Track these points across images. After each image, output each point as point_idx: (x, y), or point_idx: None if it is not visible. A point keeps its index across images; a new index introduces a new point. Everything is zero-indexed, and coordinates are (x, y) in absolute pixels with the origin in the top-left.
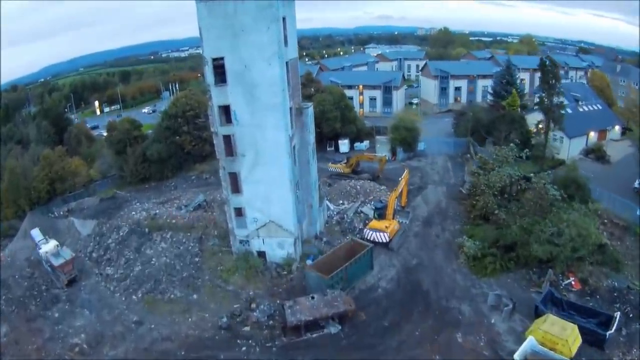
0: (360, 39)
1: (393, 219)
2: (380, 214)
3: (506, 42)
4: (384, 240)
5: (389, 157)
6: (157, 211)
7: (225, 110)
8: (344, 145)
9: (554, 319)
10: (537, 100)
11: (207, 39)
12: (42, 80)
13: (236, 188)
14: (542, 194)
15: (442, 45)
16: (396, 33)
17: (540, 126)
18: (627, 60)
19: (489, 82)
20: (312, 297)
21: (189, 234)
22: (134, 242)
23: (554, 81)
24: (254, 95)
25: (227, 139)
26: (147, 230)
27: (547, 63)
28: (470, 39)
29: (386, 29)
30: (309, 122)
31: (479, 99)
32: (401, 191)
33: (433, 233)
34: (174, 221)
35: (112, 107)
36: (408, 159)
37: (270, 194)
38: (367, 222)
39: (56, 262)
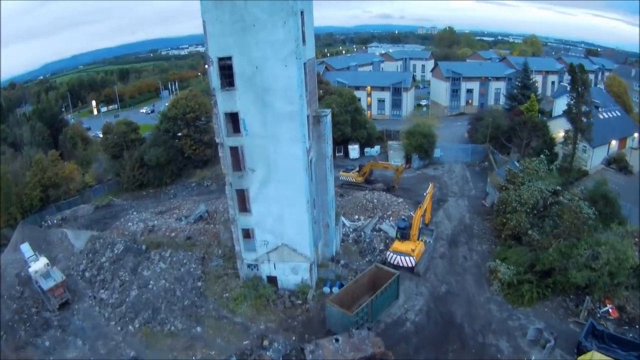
0: (361, 38)
1: (418, 239)
2: (404, 234)
3: (508, 42)
4: (410, 265)
5: (402, 164)
6: (155, 222)
7: (233, 118)
8: (354, 150)
9: (599, 356)
10: (554, 104)
11: (212, 35)
12: (41, 77)
13: (244, 207)
14: (577, 212)
15: (447, 44)
16: (396, 32)
17: (568, 135)
18: (629, 61)
19: (501, 85)
20: (337, 340)
21: (190, 253)
22: (130, 261)
23: (583, 88)
24: (266, 102)
25: (235, 151)
26: (144, 247)
27: (577, 69)
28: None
29: (386, 27)
30: (326, 132)
31: (491, 101)
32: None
33: (460, 254)
34: (173, 234)
35: (110, 107)
36: (424, 167)
37: (283, 214)
38: (387, 241)
39: (46, 285)
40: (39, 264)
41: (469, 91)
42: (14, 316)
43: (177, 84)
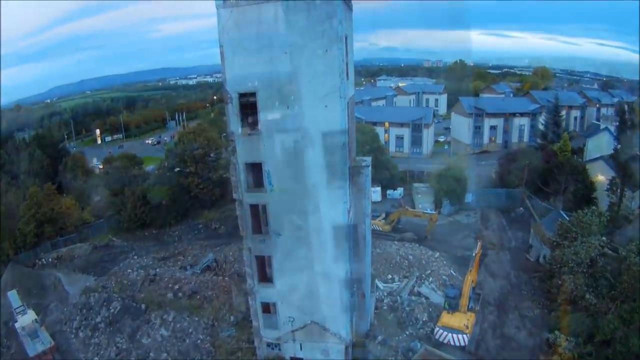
0: (369, 71)
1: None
2: (453, 304)
3: (517, 74)
4: (463, 344)
5: (432, 209)
6: (158, 270)
7: (255, 170)
8: (375, 193)
9: None
10: (587, 143)
11: (233, 65)
12: (48, 101)
13: (265, 276)
14: (635, 271)
15: (458, 78)
16: (402, 65)
17: (615, 182)
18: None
19: (525, 121)
20: None
21: (196, 318)
22: (128, 325)
23: (632, 131)
24: (299, 151)
25: (256, 209)
26: (143, 307)
27: (626, 109)
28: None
29: (392, 60)
30: (366, 185)
31: (515, 139)
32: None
33: (512, 323)
34: (176, 287)
35: (114, 137)
36: (455, 213)
37: (314, 287)
38: (430, 309)
39: (32, 350)
40: (26, 320)
41: (493, 128)
42: None
43: (184, 114)
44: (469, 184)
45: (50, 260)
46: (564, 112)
